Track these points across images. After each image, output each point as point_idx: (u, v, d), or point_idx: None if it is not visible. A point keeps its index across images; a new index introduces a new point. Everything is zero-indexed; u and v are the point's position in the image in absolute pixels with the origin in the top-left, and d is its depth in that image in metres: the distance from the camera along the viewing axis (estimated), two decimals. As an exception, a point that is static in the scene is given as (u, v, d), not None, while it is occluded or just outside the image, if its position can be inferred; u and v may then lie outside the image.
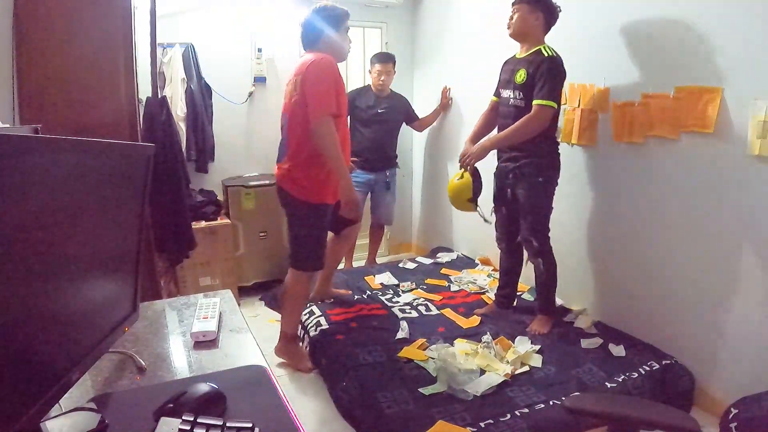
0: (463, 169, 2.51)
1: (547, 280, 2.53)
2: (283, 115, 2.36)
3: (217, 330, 1.18)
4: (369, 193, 3.60)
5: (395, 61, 3.50)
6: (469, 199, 2.52)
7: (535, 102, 2.29)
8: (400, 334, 2.42)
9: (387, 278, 3.17)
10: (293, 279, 2.41)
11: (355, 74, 4.04)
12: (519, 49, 2.44)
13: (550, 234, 2.49)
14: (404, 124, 3.71)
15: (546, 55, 2.30)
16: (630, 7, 2.33)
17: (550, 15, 2.38)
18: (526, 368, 2.15)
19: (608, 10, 2.45)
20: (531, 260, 2.55)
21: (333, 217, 2.44)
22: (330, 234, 2.59)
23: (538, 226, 2.45)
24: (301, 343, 2.63)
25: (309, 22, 2.28)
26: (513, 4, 2.39)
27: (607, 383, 2.06)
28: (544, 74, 2.27)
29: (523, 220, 2.48)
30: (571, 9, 2.63)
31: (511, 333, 2.45)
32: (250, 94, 3.60)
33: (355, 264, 3.82)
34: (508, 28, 2.41)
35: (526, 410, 1.88)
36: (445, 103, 3.69)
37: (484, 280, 3.13)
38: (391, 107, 3.49)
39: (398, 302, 2.82)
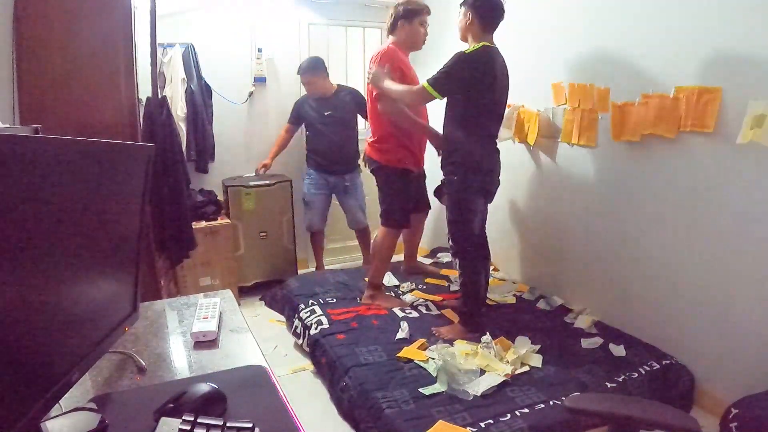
0: None
1: (463, 283, 2.48)
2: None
3: (217, 330, 1.18)
4: (334, 195, 3.58)
5: (317, 68, 3.33)
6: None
7: (422, 83, 2.36)
8: (400, 334, 2.42)
9: (387, 278, 3.17)
10: (381, 235, 2.81)
11: (356, 74, 4.04)
12: None
13: (472, 239, 2.43)
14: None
15: (465, 51, 2.31)
16: (630, 7, 2.33)
17: (483, 12, 2.34)
18: (526, 368, 2.15)
19: (608, 11, 2.44)
20: (452, 257, 2.55)
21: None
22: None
23: (452, 226, 2.45)
24: (299, 340, 2.64)
25: (391, 12, 2.76)
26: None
27: (607, 383, 2.06)
28: (445, 64, 2.33)
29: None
30: (570, 9, 2.64)
31: (511, 333, 2.45)
32: (250, 94, 3.60)
33: (349, 264, 3.82)
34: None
35: (526, 410, 1.87)
36: None
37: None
38: (337, 107, 3.39)
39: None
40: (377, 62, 2.61)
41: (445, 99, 2.43)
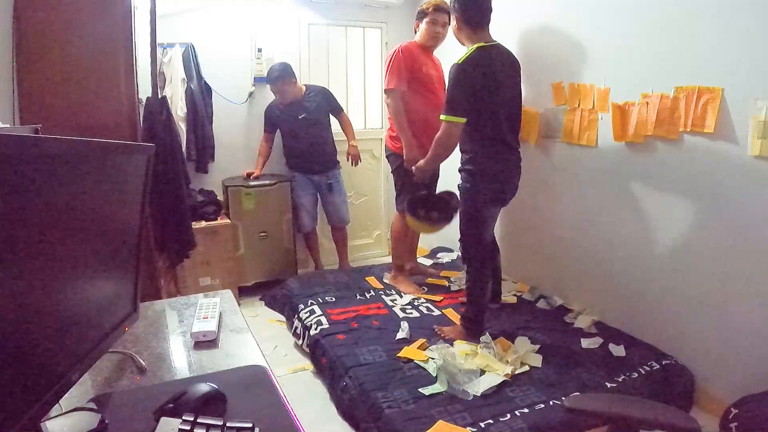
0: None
1: (469, 289, 2.44)
2: None
3: (217, 330, 1.18)
4: (319, 195, 3.61)
5: (287, 74, 3.30)
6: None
7: (441, 117, 2.30)
8: (400, 334, 2.42)
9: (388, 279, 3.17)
10: (395, 220, 3.10)
11: (355, 74, 4.04)
12: None
13: (483, 247, 2.41)
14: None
15: (458, 61, 2.24)
16: (630, 7, 2.33)
17: (465, 13, 2.32)
18: (526, 368, 2.15)
19: (608, 10, 2.44)
20: (462, 261, 2.52)
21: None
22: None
23: (464, 232, 2.42)
24: (299, 341, 2.64)
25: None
26: None
27: (607, 383, 2.06)
28: (449, 86, 2.29)
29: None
30: (571, 9, 2.64)
31: (511, 333, 2.45)
32: (250, 94, 3.60)
33: (331, 267, 3.81)
34: None
35: (526, 410, 1.87)
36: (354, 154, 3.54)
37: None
38: (309, 109, 3.40)
39: (400, 302, 2.82)
40: (388, 59, 2.84)
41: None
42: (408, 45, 2.88)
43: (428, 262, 3.52)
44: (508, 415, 1.84)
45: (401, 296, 2.91)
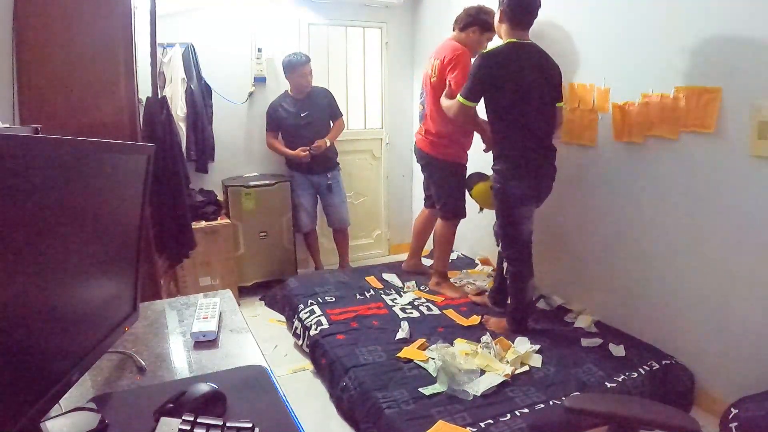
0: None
1: (510, 288, 2.48)
2: (424, 89, 2.98)
3: (217, 330, 1.18)
4: (318, 196, 3.61)
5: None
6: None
7: (457, 98, 2.42)
8: (400, 334, 2.42)
9: (390, 278, 3.17)
10: (440, 226, 3.00)
11: (355, 75, 4.04)
12: None
13: (520, 244, 2.42)
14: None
15: (485, 50, 2.39)
16: (630, 7, 2.33)
17: (508, 11, 2.32)
18: (526, 368, 2.15)
19: (608, 11, 2.44)
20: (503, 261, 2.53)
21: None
22: (425, 211, 3.15)
23: (502, 229, 2.45)
24: (299, 341, 2.64)
25: (470, 10, 2.77)
26: None
27: (607, 383, 2.06)
28: (470, 71, 2.40)
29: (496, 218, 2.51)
30: (571, 9, 2.64)
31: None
32: (250, 94, 3.60)
33: (331, 267, 3.80)
34: None
35: (526, 410, 1.87)
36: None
37: (483, 280, 3.13)
38: (313, 108, 3.41)
39: (400, 302, 2.82)
40: (458, 61, 2.66)
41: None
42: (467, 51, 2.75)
43: (429, 262, 3.52)
44: (508, 415, 1.84)
45: (401, 296, 2.91)
